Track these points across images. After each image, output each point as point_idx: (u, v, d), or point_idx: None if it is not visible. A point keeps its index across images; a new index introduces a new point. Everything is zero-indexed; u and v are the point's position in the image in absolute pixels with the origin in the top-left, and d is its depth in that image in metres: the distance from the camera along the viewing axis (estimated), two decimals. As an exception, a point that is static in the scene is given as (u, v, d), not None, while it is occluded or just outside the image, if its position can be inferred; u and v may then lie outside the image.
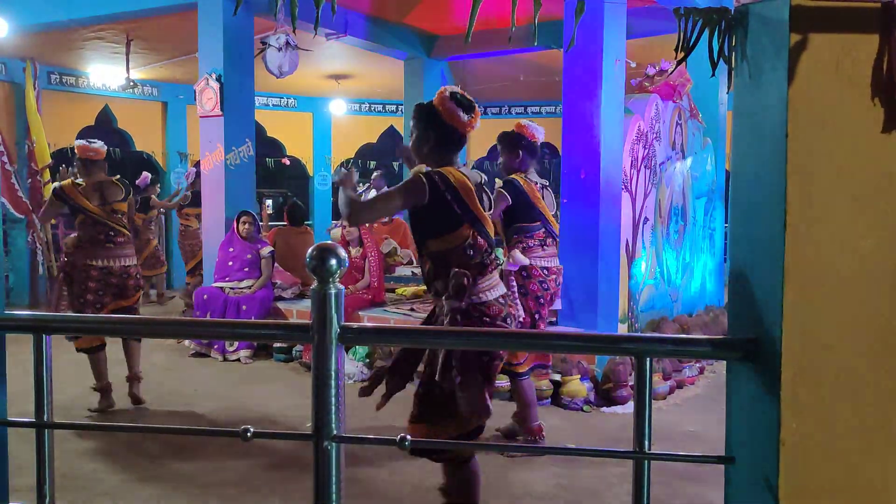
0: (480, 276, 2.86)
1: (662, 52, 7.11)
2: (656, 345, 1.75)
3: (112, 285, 4.94)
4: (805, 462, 1.38)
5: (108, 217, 4.96)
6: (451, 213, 2.81)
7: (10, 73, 9.24)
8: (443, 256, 2.86)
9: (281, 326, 2.19)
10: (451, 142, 2.93)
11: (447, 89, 2.94)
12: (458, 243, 2.84)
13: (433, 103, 2.92)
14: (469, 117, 2.89)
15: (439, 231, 2.84)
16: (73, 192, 4.94)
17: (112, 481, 3.76)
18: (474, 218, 2.86)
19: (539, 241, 4.28)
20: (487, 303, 2.86)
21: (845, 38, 1.35)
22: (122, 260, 4.97)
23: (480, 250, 2.88)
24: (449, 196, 2.79)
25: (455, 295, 2.81)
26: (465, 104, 2.91)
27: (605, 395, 5.21)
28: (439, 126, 2.90)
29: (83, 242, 4.93)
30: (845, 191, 1.37)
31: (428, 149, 2.93)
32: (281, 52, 7.25)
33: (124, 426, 4.22)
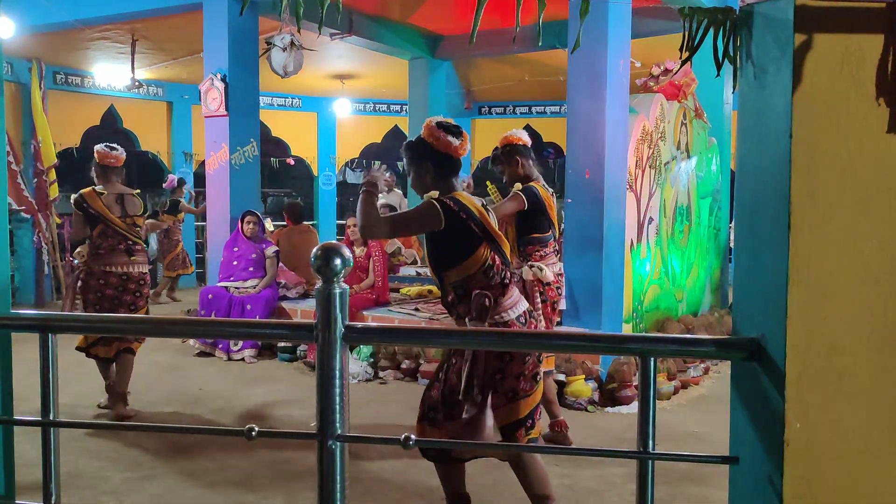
0: (501, 297, 2.94)
1: (667, 52, 7.11)
2: (661, 345, 1.75)
3: (129, 291, 4.92)
4: (809, 462, 1.38)
5: (129, 229, 4.97)
6: (469, 234, 2.88)
7: (17, 73, 9.27)
8: (464, 283, 2.92)
9: (285, 326, 2.19)
10: (449, 167, 3.01)
11: (432, 120, 3.03)
12: (477, 267, 2.90)
13: (422, 137, 3.01)
14: (459, 141, 2.99)
15: (459, 257, 2.90)
16: (94, 201, 4.91)
17: (116, 480, 3.77)
18: (491, 238, 2.93)
19: (552, 249, 4.31)
20: (509, 322, 2.94)
21: (850, 38, 1.34)
22: (141, 266, 4.99)
23: (499, 271, 2.94)
24: (464, 215, 2.87)
25: (478, 316, 2.87)
26: (453, 130, 3.00)
27: (609, 395, 5.21)
28: (433, 155, 2.98)
29: (101, 251, 4.89)
30: (849, 191, 1.37)
31: (430, 179, 3.00)
32: (286, 52, 7.26)
33: (129, 425, 4.23)
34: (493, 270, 2.92)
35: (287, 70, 7.31)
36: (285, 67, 7.30)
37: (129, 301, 4.92)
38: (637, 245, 6.03)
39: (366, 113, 13.27)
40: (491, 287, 2.90)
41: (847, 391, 1.38)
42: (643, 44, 7.96)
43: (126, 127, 11.13)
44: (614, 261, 5.65)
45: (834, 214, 1.36)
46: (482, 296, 2.86)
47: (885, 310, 1.37)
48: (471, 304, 2.88)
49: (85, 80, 10.38)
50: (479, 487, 3.68)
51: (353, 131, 13.27)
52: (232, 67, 7.16)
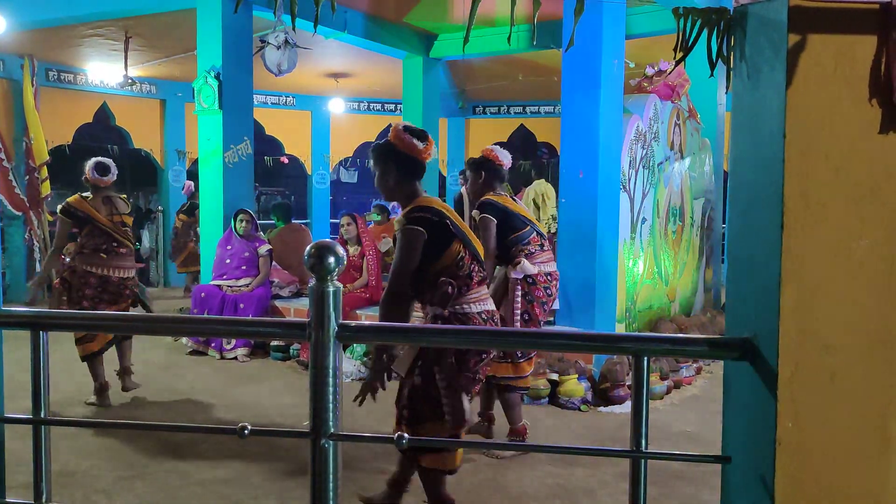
0: (466, 288, 3.04)
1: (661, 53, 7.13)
2: (654, 344, 1.75)
3: (109, 293, 5.03)
4: (802, 462, 1.38)
5: (116, 228, 5.07)
6: (445, 233, 2.99)
7: (9, 69, 9.22)
8: (437, 275, 3.01)
9: (279, 324, 2.19)
10: (413, 170, 3.08)
11: (399, 124, 3.12)
12: (452, 260, 3.01)
13: (388, 139, 3.09)
14: (424, 145, 3.06)
15: (438, 254, 2.99)
16: (82, 205, 5.05)
17: (108, 478, 3.76)
18: (463, 234, 3.04)
19: (538, 245, 4.29)
20: (469, 314, 3.04)
21: (843, 39, 1.35)
22: (121, 271, 5.07)
23: (468, 264, 3.05)
24: (437, 218, 2.98)
25: (439, 302, 2.99)
26: (419, 134, 3.08)
27: (602, 394, 5.22)
28: (399, 158, 3.06)
29: (85, 250, 5.01)
30: (843, 191, 1.37)
31: (393, 181, 3.08)
32: (280, 51, 7.24)
33: (121, 423, 4.22)
34: (462, 262, 3.03)
35: (281, 68, 7.30)
36: (279, 65, 7.28)
37: (109, 300, 5.03)
38: (630, 245, 6.04)
39: (360, 112, 13.26)
40: (457, 277, 3.01)
41: (839, 391, 1.38)
42: (637, 44, 7.98)
43: (119, 124, 11.09)
44: (607, 260, 5.66)
45: (827, 215, 1.37)
46: (446, 283, 2.97)
47: (878, 310, 1.37)
48: (434, 290, 2.99)
49: (78, 77, 10.34)
50: (470, 486, 3.68)
51: (347, 130, 13.25)
52: (226, 65, 7.13)
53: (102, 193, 5.13)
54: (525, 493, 3.65)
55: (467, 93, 12.40)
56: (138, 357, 6.20)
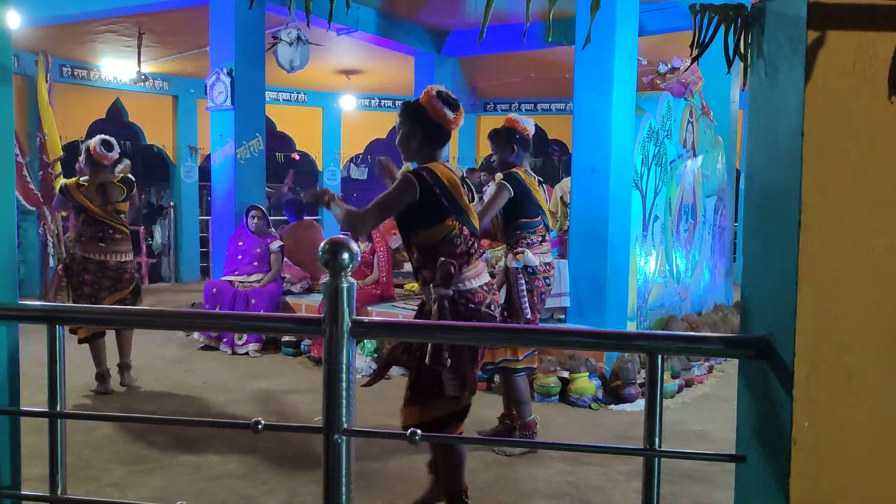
0: (466, 266, 3.04)
1: (674, 50, 7.09)
2: (669, 342, 1.75)
3: (108, 278, 5.15)
4: (817, 462, 1.37)
5: (108, 216, 5.18)
6: (438, 207, 2.98)
7: (23, 65, 9.28)
8: (431, 247, 3.02)
9: (293, 320, 2.19)
10: (437, 138, 3.07)
11: (433, 88, 3.08)
12: (444, 234, 3.00)
13: (420, 101, 3.07)
14: (454, 115, 3.05)
15: (426, 223, 3.00)
16: (76, 193, 5.17)
17: (121, 472, 3.78)
18: (460, 210, 3.03)
19: (540, 236, 4.25)
20: (472, 290, 3.05)
21: (863, 35, 1.34)
22: (118, 255, 5.20)
23: (466, 240, 3.05)
24: (437, 190, 2.96)
25: (442, 283, 2.99)
26: (451, 102, 3.06)
27: (613, 392, 5.21)
28: (426, 123, 3.04)
29: (83, 238, 5.16)
30: (861, 189, 1.36)
31: (416, 144, 3.08)
32: (292, 47, 7.26)
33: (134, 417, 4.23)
34: (459, 238, 3.02)
35: (293, 65, 7.32)
36: (291, 62, 7.31)
37: (109, 286, 5.14)
38: (642, 243, 6.02)
39: (371, 108, 13.27)
40: (456, 255, 3.01)
41: (856, 390, 1.37)
42: (650, 41, 7.94)
43: (131, 120, 11.14)
44: (619, 258, 5.64)
45: (845, 213, 1.35)
46: (447, 264, 2.97)
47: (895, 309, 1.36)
48: (435, 270, 2.99)
49: (91, 73, 10.39)
50: (481, 483, 3.69)
51: (358, 127, 13.26)
52: (238, 62, 7.16)
53: (100, 176, 5.19)
54: (536, 490, 3.65)
55: (479, 90, 12.39)
56: (151, 352, 6.25)
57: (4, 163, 2.04)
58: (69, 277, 5.16)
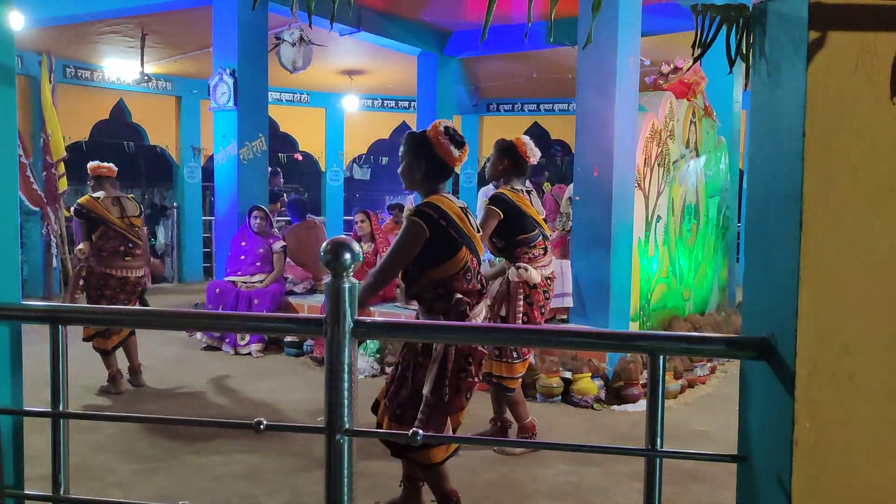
0: (476, 304, 3.06)
1: (677, 50, 7.09)
2: (670, 343, 1.75)
3: (125, 292, 5.21)
4: (819, 462, 1.37)
5: (128, 230, 5.22)
6: (450, 240, 2.97)
7: (26, 66, 9.30)
8: (445, 283, 3.00)
9: (295, 320, 2.19)
10: (441, 173, 3.08)
11: (441, 123, 3.08)
12: (458, 269, 3.00)
13: (427, 134, 3.06)
14: (459, 153, 3.05)
15: (440, 260, 2.98)
16: (94, 206, 5.18)
17: (124, 472, 3.79)
18: (469, 241, 3.03)
19: (542, 249, 4.25)
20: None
21: (865, 35, 1.34)
22: (137, 271, 5.28)
23: (475, 273, 3.07)
24: (444, 223, 2.96)
25: (455, 319, 2.97)
26: (457, 140, 3.06)
27: (615, 393, 5.21)
28: (431, 156, 3.04)
29: (103, 253, 5.16)
30: (862, 190, 1.36)
31: (419, 176, 3.08)
32: (295, 48, 7.27)
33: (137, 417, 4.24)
34: (470, 273, 3.04)
35: (296, 65, 7.33)
36: (294, 63, 7.31)
37: (124, 300, 5.22)
38: (645, 243, 6.02)
39: (374, 109, 13.27)
40: (469, 292, 3.02)
41: (858, 391, 1.37)
42: (652, 41, 7.93)
43: (135, 121, 11.16)
44: (622, 259, 5.64)
45: (847, 213, 1.36)
46: (463, 303, 2.98)
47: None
48: (449, 306, 2.98)
49: (94, 74, 10.41)
50: (483, 483, 3.69)
51: (361, 127, 13.27)
52: (241, 62, 7.16)
53: (110, 191, 5.24)
54: (538, 491, 3.65)
55: (481, 90, 12.39)
56: (153, 352, 6.26)
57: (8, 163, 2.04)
58: (87, 290, 5.20)
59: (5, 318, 1.95)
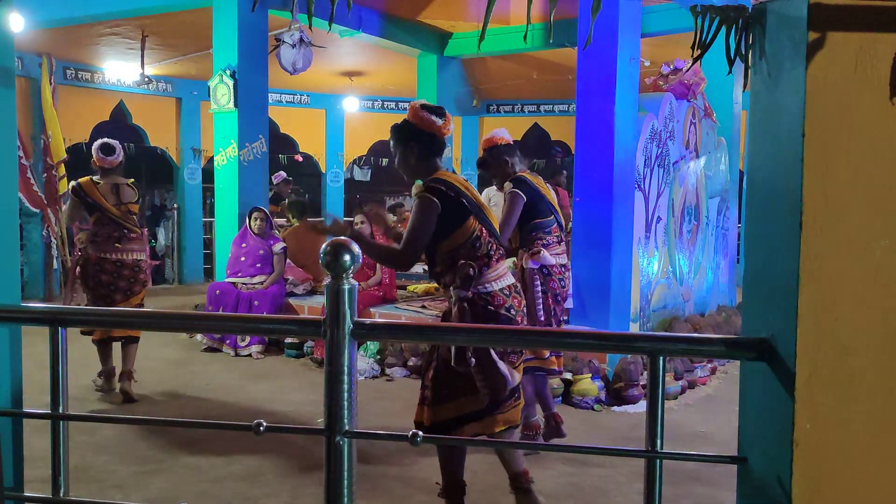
0: (486, 268, 3.03)
1: (676, 51, 7.09)
2: (670, 344, 1.75)
3: (124, 278, 5.14)
4: (819, 463, 1.37)
5: (123, 216, 5.18)
6: (460, 209, 2.98)
7: (27, 68, 9.30)
8: (452, 253, 3.01)
9: (294, 321, 2.19)
10: (433, 147, 3.10)
11: (416, 103, 3.13)
12: (465, 238, 3.00)
13: (407, 119, 3.11)
14: (442, 121, 3.08)
15: (450, 230, 2.99)
16: (91, 190, 5.16)
17: (123, 473, 3.79)
18: (478, 210, 3.04)
19: (556, 236, 4.22)
20: (492, 292, 3.04)
21: (865, 36, 1.33)
22: (135, 254, 5.20)
23: (485, 242, 3.04)
24: (453, 193, 2.98)
25: (462, 284, 2.98)
26: (437, 111, 3.10)
27: (616, 394, 5.20)
28: (419, 136, 3.07)
29: (98, 238, 5.13)
30: (862, 191, 1.36)
31: (414, 159, 3.10)
32: (295, 49, 7.27)
33: (136, 419, 4.25)
34: (479, 241, 3.02)
35: (296, 67, 7.33)
36: (294, 64, 7.31)
37: (125, 287, 5.14)
38: (645, 244, 6.01)
39: (374, 110, 13.27)
40: (476, 258, 3.01)
41: (858, 392, 1.37)
42: (652, 42, 7.94)
43: (135, 123, 11.16)
44: (622, 260, 5.64)
45: (846, 214, 1.35)
46: (466, 265, 2.97)
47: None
48: (455, 273, 2.98)
49: (95, 76, 10.41)
50: (484, 484, 3.68)
51: (361, 128, 13.27)
52: (241, 64, 7.17)
53: (111, 178, 5.21)
54: (539, 492, 3.64)
55: (481, 91, 12.39)
56: (154, 353, 6.26)
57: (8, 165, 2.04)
58: (84, 278, 5.15)
59: (5, 319, 1.95)
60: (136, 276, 5.19)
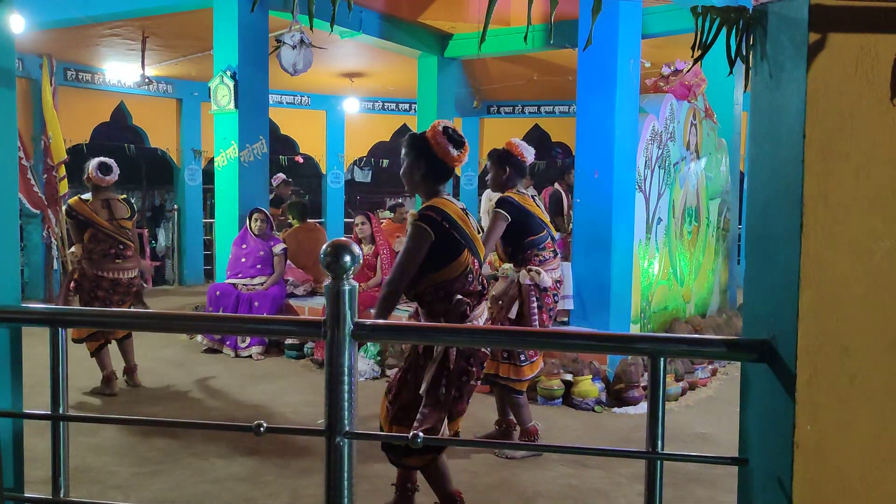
0: (477, 305, 3.06)
1: (677, 52, 7.09)
2: (671, 345, 1.75)
3: (118, 293, 5.21)
4: (820, 465, 1.37)
5: (118, 232, 5.22)
6: (453, 243, 2.98)
7: (27, 69, 9.30)
8: (445, 286, 3.01)
9: (295, 322, 2.19)
10: (440, 173, 3.08)
11: (440, 123, 3.08)
12: (459, 271, 3.00)
13: (426, 135, 3.06)
14: (458, 153, 3.03)
15: (443, 263, 2.99)
16: (82, 209, 5.19)
17: (124, 475, 3.79)
18: (471, 243, 3.04)
19: (550, 251, 4.27)
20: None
21: (865, 37, 1.33)
22: (129, 272, 5.27)
23: (476, 276, 3.06)
24: (447, 225, 2.96)
25: (455, 321, 2.97)
26: (456, 140, 3.04)
27: (616, 395, 5.20)
28: (430, 158, 3.04)
29: (94, 255, 5.16)
30: (863, 192, 1.36)
31: (419, 177, 3.08)
32: (295, 50, 7.26)
33: (137, 420, 4.25)
34: (472, 275, 3.03)
35: (296, 68, 7.32)
36: (295, 65, 7.30)
37: (118, 301, 5.21)
38: (645, 245, 6.01)
39: (374, 111, 13.27)
40: (470, 293, 3.02)
41: (858, 393, 1.37)
42: (653, 43, 7.94)
43: (135, 124, 11.16)
44: (623, 261, 5.64)
45: (847, 216, 1.35)
46: (463, 304, 2.98)
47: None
48: (450, 307, 2.98)
49: (95, 77, 10.41)
50: (484, 486, 3.68)
51: (361, 130, 13.27)
52: (242, 65, 7.17)
53: (102, 195, 5.24)
54: (539, 493, 3.64)
55: (482, 92, 12.39)
56: (154, 354, 6.26)
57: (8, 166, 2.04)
58: (80, 293, 5.19)
59: (5, 320, 1.95)
60: (130, 290, 5.28)
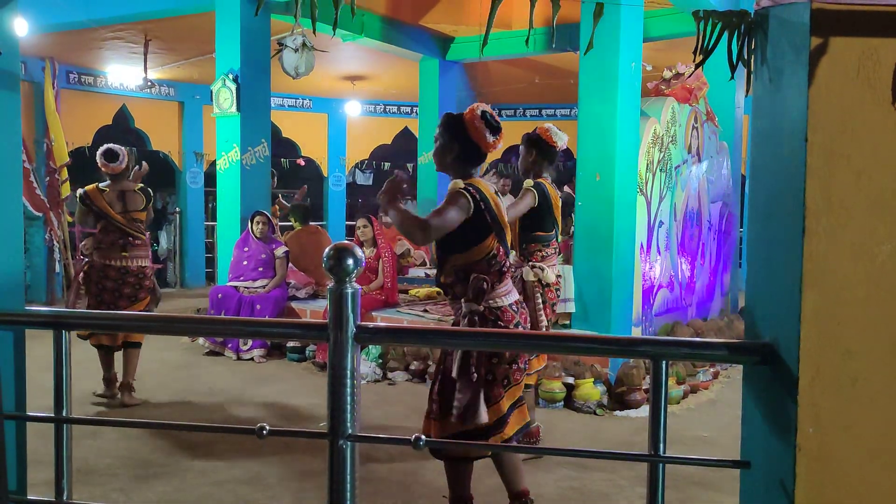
0: (498, 283, 3.01)
1: (679, 56, 7.09)
2: (673, 348, 1.75)
3: (128, 284, 5.12)
4: (823, 467, 1.37)
5: (129, 224, 5.18)
6: (483, 225, 2.94)
7: (30, 72, 9.32)
8: (466, 268, 2.98)
9: (298, 325, 2.20)
10: (473, 157, 3.04)
11: (479, 106, 3.03)
12: (483, 255, 2.97)
13: (464, 116, 3.02)
14: (494, 139, 3.00)
15: (468, 244, 2.96)
16: (97, 199, 5.16)
17: (126, 477, 3.79)
18: (500, 228, 3.00)
19: (553, 248, 4.30)
20: (503, 308, 3.02)
21: (866, 41, 1.34)
22: (139, 261, 5.20)
23: (500, 261, 3.02)
24: (483, 207, 2.93)
25: (474, 298, 2.96)
26: (494, 125, 3.01)
27: (618, 398, 5.20)
28: (464, 140, 3.00)
29: (102, 245, 5.13)
30: (865, 195, 1.36)
31: (451, 159, 3.04)
32: (297, 53, 7.27)
33: (140, 422, 4.25)
34: (495, 259, 2.99)
35: (298, 71, 7.33)
36: (296, 68, 7.31)
37: (129, 293, 5.12)
38: (647, 249, 6.01)
39: (376, 114, 13.28)
40: (489, 273, 2.98)
41: (861, 396, 1.37)
42: (654, 47, 7.94)
43: (137, 126, 11.18)
44: (624, 264, 5.63)
45: (849, 219, 1.36)
46: (480, 279, 2.94)
47: (900, 315, 1.36)
48: (468, 286, 2.96)
49: (98, 80, 10.43)
50: (486, 488, 3.68)
51: (363, 133, 13.28)
52: (243, 68, 7.18)
53: (118, 185, 5.21)
54: (541, 496, 3.64)
55: (483, 95, 12.39)
56: (156, 357, 6.26)
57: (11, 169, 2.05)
58: (87, 284, 5.14)
59: (9, 323, 1.95)
60: (141, 282, 5.17)
